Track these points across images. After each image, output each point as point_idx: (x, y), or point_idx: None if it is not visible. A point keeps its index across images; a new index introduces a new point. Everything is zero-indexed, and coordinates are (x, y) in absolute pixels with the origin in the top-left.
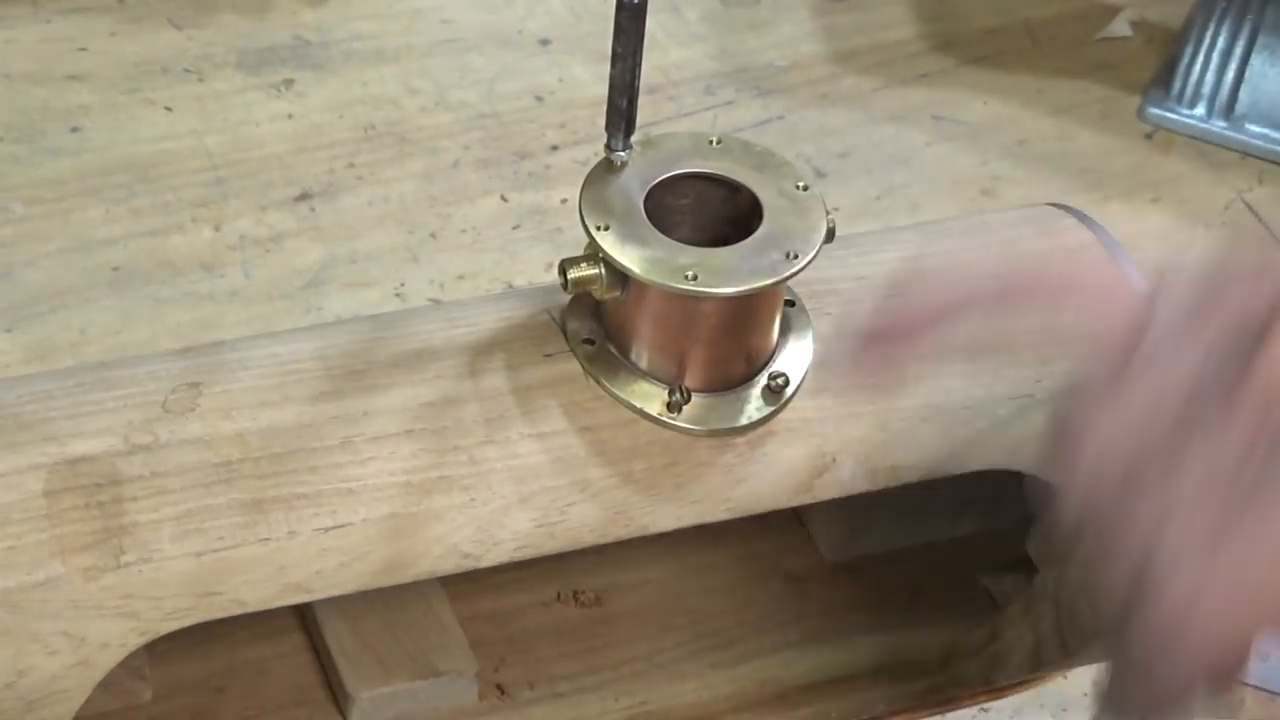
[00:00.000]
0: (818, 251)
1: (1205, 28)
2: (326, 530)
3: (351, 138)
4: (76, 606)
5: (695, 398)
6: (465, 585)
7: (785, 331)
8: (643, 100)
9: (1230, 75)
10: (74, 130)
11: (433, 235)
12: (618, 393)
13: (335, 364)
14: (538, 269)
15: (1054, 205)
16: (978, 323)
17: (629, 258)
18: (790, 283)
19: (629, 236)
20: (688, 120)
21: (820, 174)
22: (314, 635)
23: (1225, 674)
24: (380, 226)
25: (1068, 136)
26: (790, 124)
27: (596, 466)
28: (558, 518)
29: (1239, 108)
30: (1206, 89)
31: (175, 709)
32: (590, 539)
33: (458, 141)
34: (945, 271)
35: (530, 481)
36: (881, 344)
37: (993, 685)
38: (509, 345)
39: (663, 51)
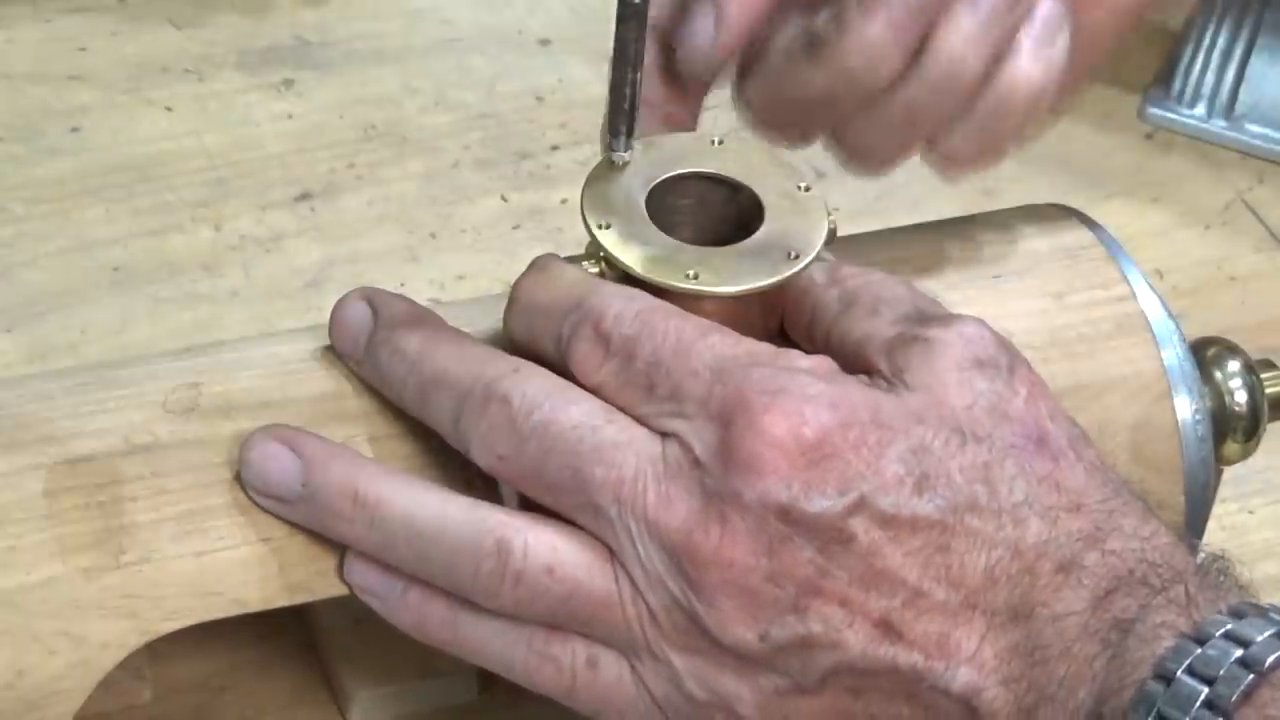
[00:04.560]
0: (819, 251)
1: (1205, 28)
2: None
3: (351, 138)
4: (76, 606)
5: None
6: None
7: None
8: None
9: (1230, 75)
10: (74, 130)
11: (433, 235)
12: None
13: (335, 364)
14: None
15: (1054, 205)
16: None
17: (630, 256)
18: None
19: (630, 235)
20: None
21: (820, 174)
22: (314, 635)
23: None
24: (380, 226)
25: (1068, 136)
26: None
27: None
28: None
29: (1239, 108)
30: (1206, 89)
31: (175, 709)
32: None
33: (458, 141)
34: None
35: None
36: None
37: None
38: None
39: None
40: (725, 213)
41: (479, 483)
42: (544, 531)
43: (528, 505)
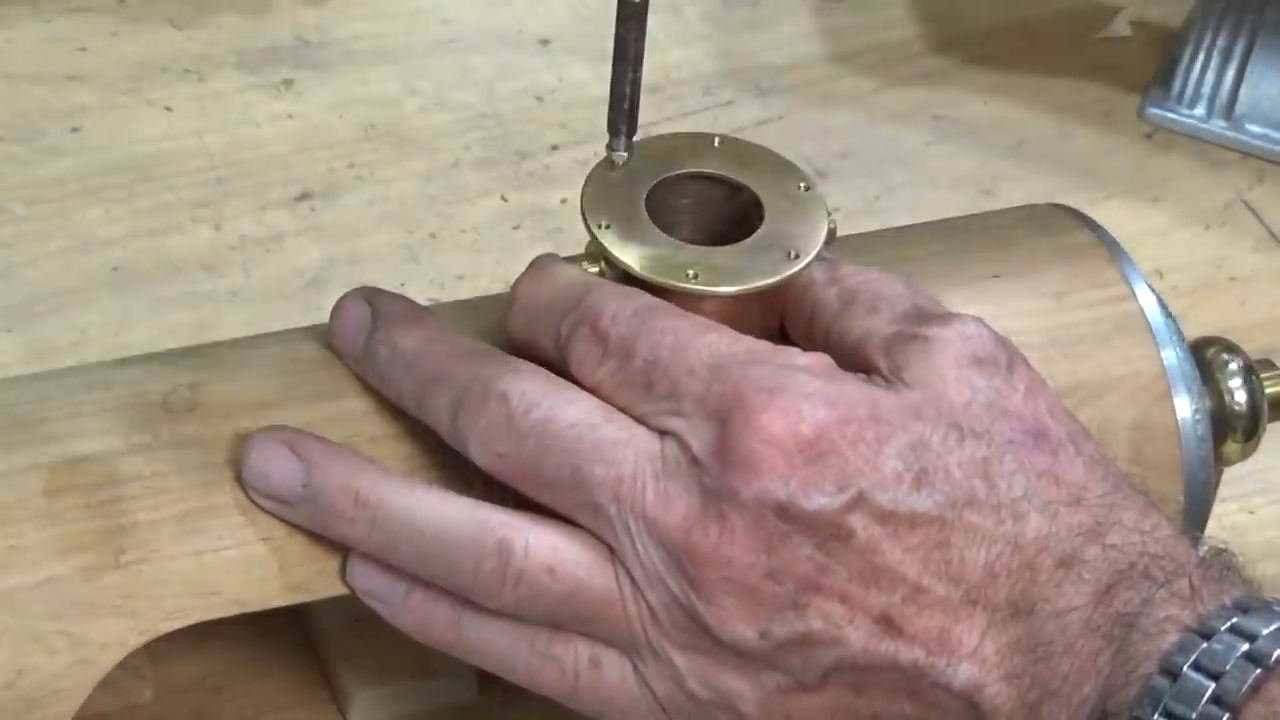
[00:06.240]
0: (819, 251)
1: (1205, 28)
2: None
3: (351, 138)
4: (76, 606)
5: None
6: None
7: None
8: (643, 100)
9: (1230, 75)
10: (74, 130)
11: (433, 235)
12: None
13: (335, 364)
14: None
15: (1054, 205)
16: None
17: (630, 256)
18: None
19: (630, 235)
20: (688, 120)
21: (820, 174)
22: (314, 635)
23: None
24: (380, 226)
25: (1068, 136)
26: (790, 124)
27: None
28: None
29: (1239, 108)
30: (1206, 89)
31: (175, 709)
32: None
33: (458, 141)
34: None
35: None
36: None
37: None
38: None
39: (663, 51)
40: (725, 212)
41: (478, 482)
42: (545, 531)
43: (526, 505)
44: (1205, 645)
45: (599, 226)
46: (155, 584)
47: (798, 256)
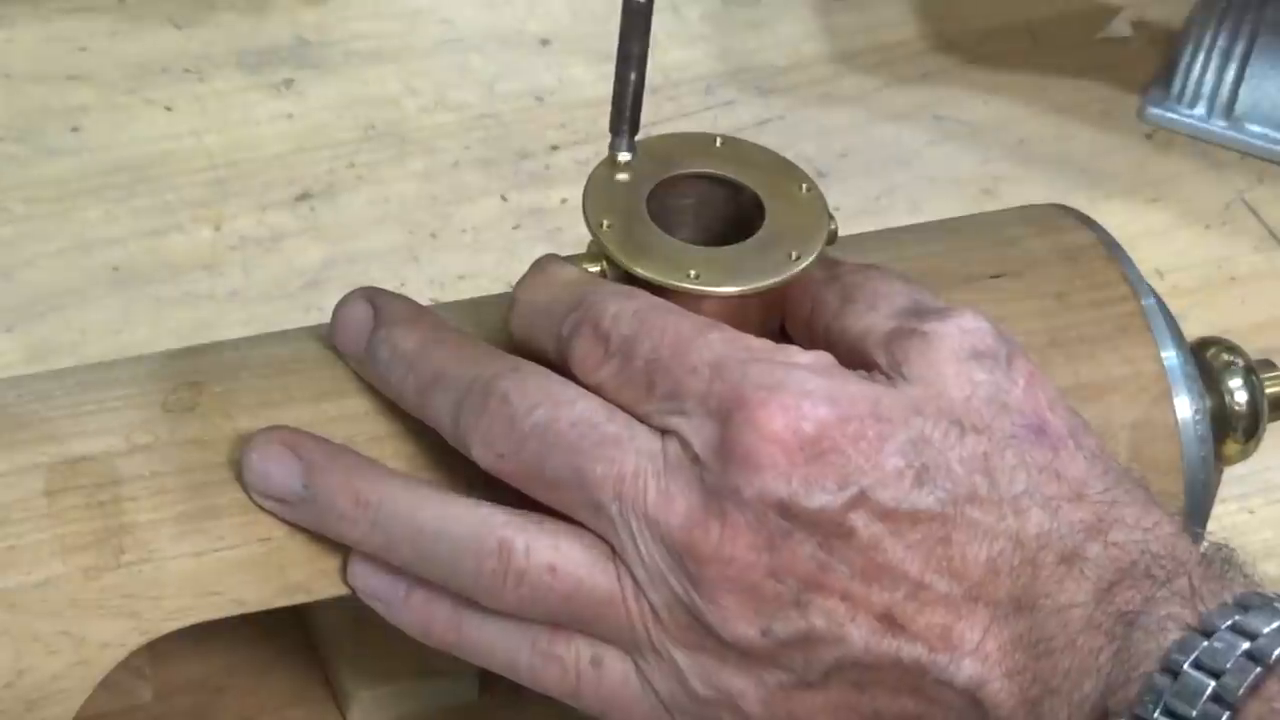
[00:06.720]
0: (820, 252)
1: (1205, 28)
2: None
3: (351, 138)
4: (76, 606)
5: None
6: None
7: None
8: (643, 100)
9: (1230, 75)
10: (74, 130)
11: (433, 235)
12: None
13: (335, 364)
14: None
15: (1054, 205)
16: None
17: (631, 256)
18: None
19: (631, 235)
20: (688, 120)
21: (820, 174)
22: (314, 635)
23: None
24: (380, 226)
25: (1068, 136)
26: (790, 124)
27: None
28: None
29: (1239, 108)
30: (1206, 89)
31: (175, 709)
32: None
33: (458, 141)
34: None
35: None
36: None
37: None
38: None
39: (663, 51)
40: (726, 212)
41: (479, 482)
42: (546, 531)
43: (527, 505)
44: (1206, 643)
45: (600, 226)
46: (155, 584)
47: (799, 257)
